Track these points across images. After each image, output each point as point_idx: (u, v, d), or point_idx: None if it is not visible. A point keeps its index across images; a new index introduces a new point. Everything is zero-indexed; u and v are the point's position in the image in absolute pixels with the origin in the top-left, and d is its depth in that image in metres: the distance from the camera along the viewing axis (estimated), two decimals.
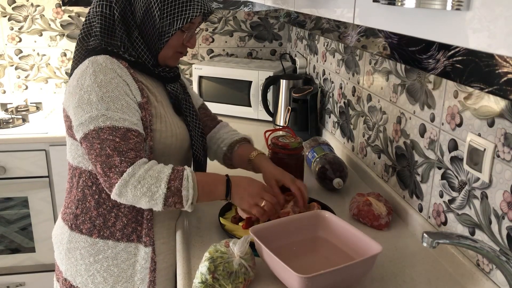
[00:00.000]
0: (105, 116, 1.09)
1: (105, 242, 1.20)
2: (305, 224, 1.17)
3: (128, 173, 1.07)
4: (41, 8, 2.61)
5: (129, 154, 1.09)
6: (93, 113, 1.09)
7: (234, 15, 2.78)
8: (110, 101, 1.10)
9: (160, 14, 1.17)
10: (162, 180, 1.08)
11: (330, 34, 1.09)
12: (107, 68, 1.13)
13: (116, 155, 1.08)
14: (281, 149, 1.49)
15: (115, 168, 1.07)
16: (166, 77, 1.27)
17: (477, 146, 1.04)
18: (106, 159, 1.08)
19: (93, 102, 1.10)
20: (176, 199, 1.09)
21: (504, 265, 0.85)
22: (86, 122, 1.09)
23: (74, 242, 1.22)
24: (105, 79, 1.11)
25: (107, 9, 1.17)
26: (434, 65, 0.66)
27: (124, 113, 1.11)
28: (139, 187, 1.07)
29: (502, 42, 0.52)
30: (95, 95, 1.10)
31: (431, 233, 0.85)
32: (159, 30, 1.19)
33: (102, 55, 1.15)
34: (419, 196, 1.32)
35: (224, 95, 2.44)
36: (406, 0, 0.67)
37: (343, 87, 1.87)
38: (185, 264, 1.14)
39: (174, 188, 1.09)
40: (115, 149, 1.08)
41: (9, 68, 2.66)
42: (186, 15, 1.18)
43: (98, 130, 1.08)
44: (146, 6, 1.17)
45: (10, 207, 2.25)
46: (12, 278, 2.32)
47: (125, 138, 1.09)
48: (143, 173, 1.08)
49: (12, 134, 2.18)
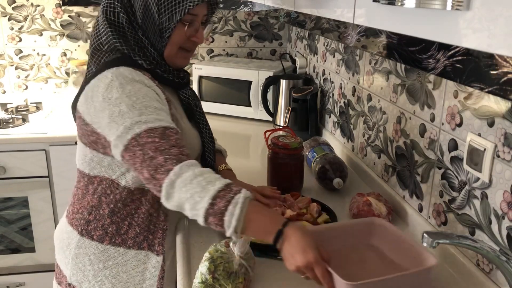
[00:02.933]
0: (140, 121, 1.04)
1: (116, 249, 1.19)
2: (359, 231, 1.14)
3: (174, 173, 0.99)
4: (41, 8, 2.61)
5: (172, 151, 1.02)
6: (127, 122, 1.04)
7: (234, 15, 2.78)
8: (142, 107, 1.05)
9: (158, 10, 1.13)
10: (208, 192, 0.97)
11: (330, 34, 1.09)
12: (135, 80, 1.09)
13: (159, 155, 1.01)
14: (281, 149, 1.49)
15: (160, 168, 1.00)
16: (180, 84, 1.24)
17: (477, 146, 1.04)
18: (151, 162, 1.01)
19: (124, 112, 1.05)
20: (216, 220, 0.97)
21: (504, 265, 0.85)
22: (123, 134, 1.04)
23: (84, 248, 1.19)
24: (133, 89, 1.07)
25: (110, 15, 1.14)
26: (434, 65, 0.66)
27: (158, 114, 1.06)
28: (183, 190, 0.98)
29: (502, 42, 0.52)
30: (125, 105, 1.05)
31: (431, 233, 0.85)
32: (159, 27, 1.15)
33: (124, 67, 1.11)
34: (419, 196, 1.32)
35: (224, 95, 2.44)
36: (406, 0, 0.67)
37: (343, 87, 1.87)
38: (185, 264, 1.14)
39: (218, 208, 0.96)
40: (156, 149, 1.01)
41: (9, 68, 2.66)
42: (184, 6, 1.13)
43: (136, 137, 1.03)
44: (144, 4, 1.14)
45: (10, 207, 2.25)
46: (12, 278, 2.32)
47: (164, 137, 1.03)
48: (191, 177, 0.98)
49: (12, 134, 2.18)
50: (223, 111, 2.43)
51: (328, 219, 1.32)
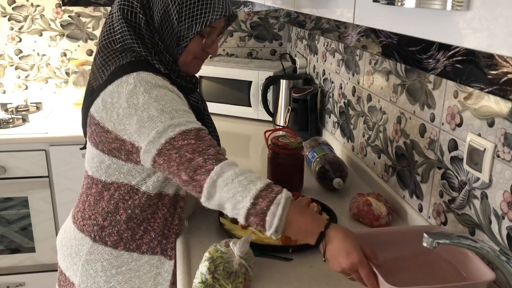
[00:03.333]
0: (173, 125, 1.02)
1: (130, 254, 1.18)
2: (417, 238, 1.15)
3: (215, 172, 0.98)
4: (41, 8, 2.61)
5: (209, 151, 1.01)
6: (159, 127, 1.02)
7: None
8: (172, 110, 1.05)
9: (178, 18, 1.11)
10: (250, 191, 0.96)
11: (330, 34, 1.09)
12: (158, 85, 1.08)
13: (198, 156, 1.00)
14: (281, 149, 1.49)
15: (200, 169, 0.99)
16: (191, 89, 1.22)
17: (477, 146, 1.04)
18: (189, 164, 1.00)
19: (155, 117, 1.03)
20: (258, 220, 0.96)
21: (504, 265, 0.85)
22: (156, 139, 1.02)
23: (96, 254, 1.18)
24: (159, 93, 1.06)
25: (128, 14, 1.12)
26: (434, 65, 0.66)
27: (189, 117, 1.06)
28: (225, 190, 0.97)
29: (502, 42, 0.52)
30: (154, 110, 1.04)
31: (431, 233, 0.85)
32: (177, 34, 1.13)
33: (145, 72, 1.09)
34: (419, 196, 1.32)
35: (224, 95, 2.44)
36: (406, 0, 0.67)
37: (343, 87, 1.87)
38: (185, 264, 1.14)
39: (260, 208, 0.95)
40: (194, 151, 1.00)
41: (9, 68, 2.66)
42: (205, 18, 1.11)
43: (171, 140, 1.01)
44: (164, 9, 1.11)
45: (10, 207, 2.25)
46: (12, 278, 2.32)
47: (199, 138, 1.02)
48: (233, 176, 0.97)
49: (12, 134, 2.18)
50: (223, 111, 2.43)
51: (328, 219, 1.32)
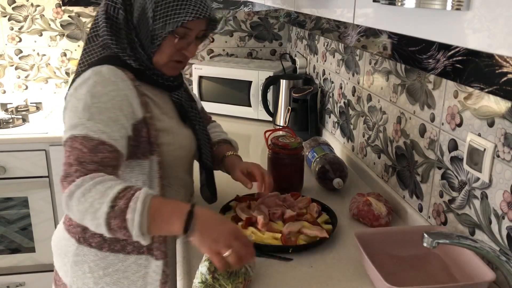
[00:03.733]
0: (84, 125, 1.02)
1: (116, 255, 1.17)
2: (417, 238, 1.14)
3: (75, 184, 0.96)
4: (41, 8, 2.61)
5: (89, 166, 0.98)
6: (75, 121, 1.04)
7: (234, 15, 2.78)
8: (96, 111, 1.04)
9: (153, 16, 1.11)
10: (107, 196, 0.93)
11: (330, 34, 1.09)
12: (110, 81, 1.08)
13: (76, 165, 0.98)
14: (281, 149, 1.49)
15: (69, 177, 0.98)
16: (170, 86, 1.22)
17: (477, 146, 1.04)
18: (67, 168, 1.00)
19: (78, 111, 1.04)
20: (119, 222, 0.92)
21: (504, 265, 0.85)
22: (67, 130, 1.05)
23: (82, 255, 1.17)
24: (102, 90, 1.06)
25: (111, 10, 1.13)
26: (434, 65, 0.66)
27: (107, 126, 1.03)
28: (82, 201, 0.94)
29: (502, 42, 0.52)
30: (83, 103, 1.05)
31: (431, 233, 0.85)
32: (151, 33, 1.12)
33: (108, 66, 1.10)
34: (419, 196, 1.32)
35: (224, 95, 2.44)
36: (406, 0, 0.67)
37: (343, 87, 1.87)
38: (185, 264, 1.14)
39: (118, 208, 0.92)
40: (77, 159, 0.99)
41: (9, 68, 2.66)
42: (178, 19, 1.10)
43: (73, 138, 1.02)
44: (142, 6, 1.12)
45: (10, 207, 2.25)
46: (12, 278, 2.32)
47: (94, 150, 1.00)
48: (91, 186, 0.95)
49: (12, 134, 2.18)
50: (223, 111, 2.43)
51: (328, 219, 1.32)
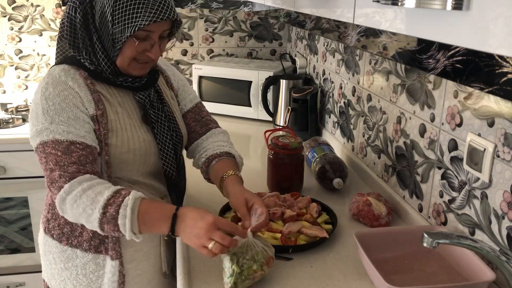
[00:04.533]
0: (49, 129, 1.06)
1: (73, 251, 1.18)
2: (417, 238, 1.14)
3: (64, 190, 1.03)
4: (41, 8, 2.61)
5: (69, 168, 1.05)
6: (39, 126, 1.07)
7: (234, 15, 2.78)
8: (55, 114, 1.07)
9: (112, 20, 1.08)
10: (98, 202, 1.01)
11: (330, 34, 1.09)
12: (60, 81, 1.10)
13: (58, 170, 1.05)
14: (281, 149, 1.49)
15: (55, 183, 1.05)
16: (131, 87, 1.18)
17: (477, 146, 1.04)
18: (50, 174, 1.06)
19: (39, 116, 1.08)
20: (111, 227, 1.02)
21: (504, 265, 0.85)
22: (34, 136, 1.08)
23: (48, 246, 1.22)
24: (53, 92, 1.09)
25: (72, 11, 1.12)
26: (434, 65, 0.66)
27: (70, 125, 1.07)
28: (75, 206, 1.03)
29: (502, 42, 0.52)
30: (41, 108, 1.08)
31: (431, 233, 0.85)
32: (112, 36, 1.10)
33: (61, 66, 1.13)
34: (419, 196, 1.32)
35: (224, 95, 2.44)
36: (406, 0, 0.67)
37: (343, 87, 1.87)
38: (185, 264, 1.14)
39: (110, 215, 1.01)
40: (56, 163, 1.05)
41: (9, 68, 2.66)
42: (136, 23, 1.06)
43: (43, 144, 1.06)
44: (101, 10, 1.09)
45: (10, 207, 2.25)
46: (12, 278, 2.32)
47: (67, 152, 1.05)
48: (80, 192, 1.03)
49: (12, 134, 2.18)
50: (223, 111, 2.43)
51: (328, 219, 1.32)
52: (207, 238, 0.98)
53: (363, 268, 1.10)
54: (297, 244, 1.19)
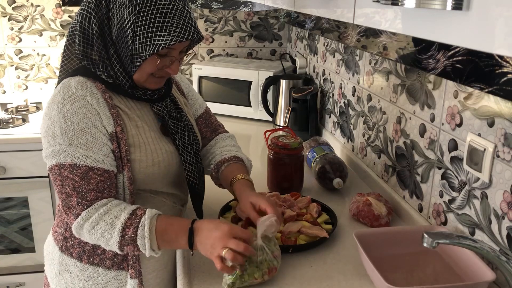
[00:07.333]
0: (66, 152, 1.03)
1: (95, 269, 1.15)
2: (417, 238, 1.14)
3: (82, 217, 1.03)
4: (41, 8, 2.61)
5: (87, 196, 1.04)
6: (56, 147, 1.04)
7: (234, 15, 2.78)
8: (74, 135, 1.03)
9: (132, 36, 1.04)
10: (116, 227, 1.02)
11: (330, 34, 1.09)
12: (77, 96, 1.05)
13: (75, 196, 1.04)
14: (281, 149, 1.49)
15: (72, 209, 1.04)
16: (149, 100, 1.16)
17: (477, 146, 1.04)
18: (66, 198, 1.05)
19: (56, 136, 1.04)
20: (131, 248, 1.03)
21: (504, 265, 0.85)
22: (50, 156, 1.05)
23: (65, 265, 1.17)
24: (71, 109, 1.04)
25: (86, 21, 1.07)
26: (434, 65, 0.66)
27: (88, 149, 1.04)
28: (93, 232, 1.04)
29: (502, 42, 0.52)
30: (59, 127, 1.03)
31: (431, 233, 0.85)
32: (131, 52, 1.06)
33: (77, 78, 1.07)
34: (419, 196, 1.32)
35: (224, 95, 2.44)
36: (406, 0, 0.67)
37: (343, 87, 1.87)
38: (185, 264, 1.14)
39: (128, 237, 1.02)
40: (74, 188, 1.03)
41: (9, 68, 2.66)
42: (160, 42, 1.03)
43: (60, 166, 1.04)
44: (120, 24, 1.05)
45: (10, 207, 2.25)
46: (12, 278, 2.32)
47: (85, 178, 1.03)
48: (98, 218, 1.03)
49: (12, 134, 2.18)
50: (223, 111, 2.43)
51: (328, 219, 1.32)
52: (222, 247, 0.98)
53: (363, 268, 1.10)
54: (297, 244, 1.19)
